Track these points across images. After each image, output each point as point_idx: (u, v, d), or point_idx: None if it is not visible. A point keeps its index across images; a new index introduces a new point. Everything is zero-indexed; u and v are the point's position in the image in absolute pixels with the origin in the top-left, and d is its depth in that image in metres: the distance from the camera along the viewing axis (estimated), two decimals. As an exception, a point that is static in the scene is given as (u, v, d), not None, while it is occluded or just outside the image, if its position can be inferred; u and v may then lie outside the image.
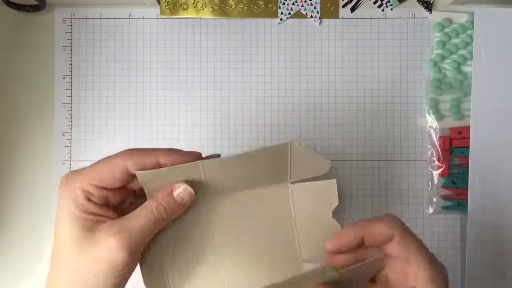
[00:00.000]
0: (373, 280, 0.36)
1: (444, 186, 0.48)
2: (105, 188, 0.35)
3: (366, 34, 0.49)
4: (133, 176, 0.36)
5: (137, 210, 0.35)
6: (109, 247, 0.34)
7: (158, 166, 0.35)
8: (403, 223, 0.35)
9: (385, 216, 0.35)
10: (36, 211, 0.48)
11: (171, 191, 0.36)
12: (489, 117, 0.46)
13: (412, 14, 0.49)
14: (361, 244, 0.35)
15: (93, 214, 0.34)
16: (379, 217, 0.35)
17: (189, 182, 0.36)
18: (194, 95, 0.49)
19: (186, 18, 0.49)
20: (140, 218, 0.35)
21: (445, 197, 0.48)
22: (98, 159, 0.49)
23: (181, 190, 0.36)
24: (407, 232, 0.35)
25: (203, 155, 0.47)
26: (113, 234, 0.34)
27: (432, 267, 0.35)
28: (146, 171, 0.35)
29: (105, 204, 0.35)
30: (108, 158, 0.35)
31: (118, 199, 0.37)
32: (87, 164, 0.48)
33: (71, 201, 0.34)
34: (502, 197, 0.46)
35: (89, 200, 0.35)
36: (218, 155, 0.37)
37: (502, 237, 0.46)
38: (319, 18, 0.49)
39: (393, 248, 0.35)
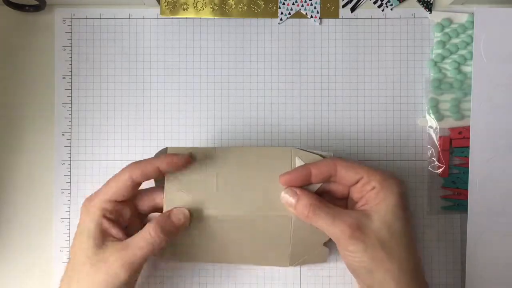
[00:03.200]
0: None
1: (444, 186, 0.48)
2: (118, 202, 0.40)
3: (366, 34, 0.49)
4: (137, 187, 0.41)
5: (139, 232, 0.39)
6: (113, 265, 0.38)
7: (159, 172, 0.40)
8: (341, 157, 0.41)
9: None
10: (36, 211, 0.48)
11: (169, 214, 0.40)
12: (489, 117, 0.46)
13: (412, 14, 0.49)
14: (308, 180, 0.40)
15: (105, 230, 0.39)
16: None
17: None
18: (194, 95, 0.49)
19: (186, 18, 0.49)
20: (140, 240, 0.39)
21: (445, 197, 0.48)
22: (98, 159, 0.50)
23: (177, 211, 0.40)
24: (346, 160, 0.40)
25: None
26: (116, 252, 0.38)
27: (379, 172, 0.40)
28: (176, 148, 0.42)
29: (117, 220, 0.40)
30: (116, 174, 0.40)
31: (128, 216, 0.41)
32: (87, 164, 0.49)
33: (90, 219, 0.39)
34: (502, 197, 0.46)
35: (104, 216, 0.39)
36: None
37: (502, 237, 0.46)
38: (319, 18, 0.49)
39: (342, 175, 0.40)
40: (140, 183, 0.41)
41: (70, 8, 0.49)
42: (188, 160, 0.40)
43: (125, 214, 0.41)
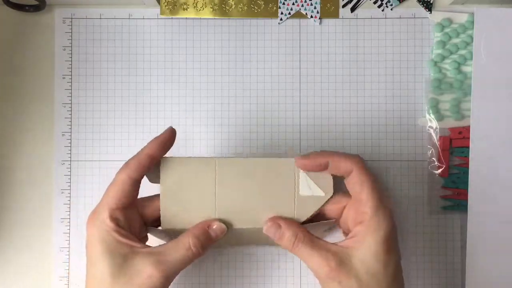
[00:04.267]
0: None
1: (444, 186, 0.48)
2: (126, 209, 0.38)
3: (366, 34, 0.49)
4: (138, 186, 0.39)
5: (175, 242, 0.38)
6: (149, 274, 0.36)
7: (152, 159, 0.38)
8: (363, 161, 0.39)
9: (352, 155, 0.40)
10: (36, 211, 0.48)
11: (208, 227, 0.39)
12: (489, 117, 0.46)
13: (412, 14, 0.49)
14: (323, 169, 0.39)
15: (125, 237, 0.37)
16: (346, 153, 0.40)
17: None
18: (194, 95, 0.49)
19: (186, 18, 0.49)
20: (178, 252, 0.37)
21: (445, 197, 0.48)
22: (98, 159, 0.50)
23: (216, 226, 0.39)
24: (364, 169, 0.39)
25: (200, 154, 0.48)
26: (152, 263, 0.36)
27: (376, 197, 0.38)
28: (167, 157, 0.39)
29: (130, 231, 0.38)
30: (113, 179, 0.38)
31: (139, 224, 0.39)
32: (87, 164, 0.49)
33: (103, 233, 0.37)
34: (502, 196, 0.46)
35: (118, 225, 0.37)
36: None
37: (502, 237, 0.46)
38: (319, 18, 0.49)
39: (351, 181, 0.39)
40: (139, 181, 0.39)
41: (70, 8, 0.49)
42: (171, 133, 0.39)
43: (136, 222, 0.39)
